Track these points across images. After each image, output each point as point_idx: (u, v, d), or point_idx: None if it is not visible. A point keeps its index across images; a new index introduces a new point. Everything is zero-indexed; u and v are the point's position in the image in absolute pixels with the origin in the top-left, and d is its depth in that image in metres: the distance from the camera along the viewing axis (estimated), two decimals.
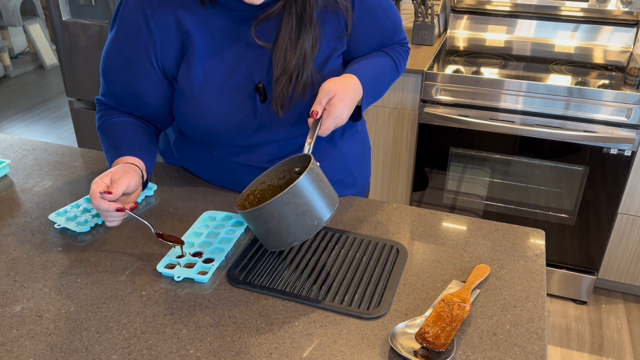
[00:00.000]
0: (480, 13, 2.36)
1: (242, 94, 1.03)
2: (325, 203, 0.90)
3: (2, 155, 1.33)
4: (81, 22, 2.33)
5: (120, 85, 1.07)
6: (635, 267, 2.12)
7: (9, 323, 0.83)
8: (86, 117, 2.58)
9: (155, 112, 1.10)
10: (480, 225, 1.08)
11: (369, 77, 1.09)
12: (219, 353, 0.78)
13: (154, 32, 1.00)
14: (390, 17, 1.14)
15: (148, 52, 1.01)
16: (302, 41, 1.00)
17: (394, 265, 0.96)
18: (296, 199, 0.86)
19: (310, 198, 0.87)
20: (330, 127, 0.99)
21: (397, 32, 1.18)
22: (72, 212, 1.08)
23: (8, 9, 4.49)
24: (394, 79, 1.20)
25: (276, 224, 0.87)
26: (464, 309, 0.83)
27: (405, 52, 1.22)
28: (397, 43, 1.19)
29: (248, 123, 1.05)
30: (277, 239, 0.89)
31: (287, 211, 0.86)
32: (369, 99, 1.10)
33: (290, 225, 0.87)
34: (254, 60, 1.02)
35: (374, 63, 1.12)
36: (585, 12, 2.20)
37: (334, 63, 1.08)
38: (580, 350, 2.01)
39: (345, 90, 1.01)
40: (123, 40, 1.03)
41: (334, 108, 0.99)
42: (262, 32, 1.00)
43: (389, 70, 1.15)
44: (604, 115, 1.87)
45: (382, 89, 1.16)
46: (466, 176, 2.15)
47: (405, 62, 1.22)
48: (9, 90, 4.52)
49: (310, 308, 0.86)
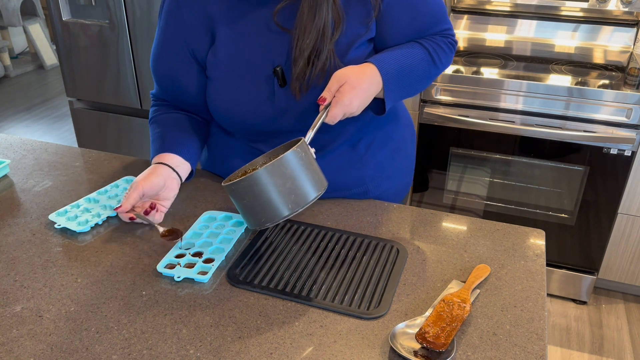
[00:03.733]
0: (480, 13, 2.36)
1: (261, 78, 1.03)
2: (304, 188, 0.88)
3: (2, 155, 1.33)
4: (81, 22, 2.33)
5: (161, 73, 1.12)
6: (635, 267, 2.12)
7: (9, 323, 0.83)
8: (86, 117, 2.58)
9: (193, 100, 1.12)
10: (481, 225, 1.08)
11: (391, 68, 1.02)
12: (219, 353, 0.78)
13: (186, 19, 1.04)
14: (430, 5, 1.07)
15: (182, 39, 1.06)
16: (320, 19, 0.97)
17: (394, 265, 0.96)
18: (272, 178, 0.86)
19: (284, 180, 0.86)
20: (337, 114, 0.96)
21: (438, 21, 1.09)
22: (72, 212, 1.08)
23: (8, 9, 4.49)
24: (430, 72, 1.10)
25: (251, 201, 0.87)
26: (464, 309, 0.83)
27: (448, 44, 1.11)
28: (437, 33, 1.10)
29: (266, 108, 1.04)
30: (253, 217, 0.90)
31: (259, 190, 0.86)
32: (392, 91, 1.03)
33: (264, 204, 0.87)
34: (275, 45, 1.02)
35: (400, 53, 1.05)
36: (585, 12, 2.20)
37: (358, 51, 1.04)
38: (580, 350, 2.01)
39: (358, 78, 0.97)
40: (163, 29, 1.08)
41: (343, 96, 0.95)
42: (284, 16, 1.00)
43: (420, 62, 1.06)
44: (604, 115, 1.87)
45: (412, 82, 1.07)
46: (466, 176, 2.15)
47: (448, 56, 1.12)
48: (9, 90, 4.51)
49: (310, 308, 0.86)
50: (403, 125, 1.24)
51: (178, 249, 0.98)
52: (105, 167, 1.27)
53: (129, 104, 2.45)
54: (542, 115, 1.94)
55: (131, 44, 2.30)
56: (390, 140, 1.20)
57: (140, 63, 2.33)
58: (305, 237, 1.02)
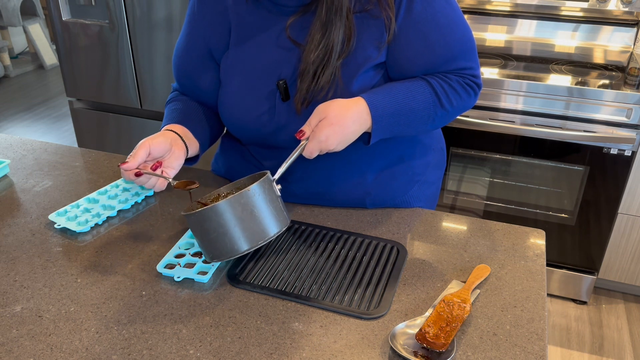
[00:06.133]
0: (480, 13, 2.36)
1: (264, 90, 1.03)
2: (263, 224, 0.89)
3: (2, 155, 1.33)
4: (81, 22, 2.33)
5: (181, 69, 1.13)
6: (635, 267, 2.12)
7: (9, 323, 0.83)
8: (86, 117, 2.58)
9: (208, 99, 1.13)
10: (480, 225, 1.08)
11: (383, 105, 0.97)
12: (219, 353, 0.78)
13: (207, 19, 1.06)
14: (447, 37, 0.98)
15: (202, 38, 1.07)
16: (329, 36, 0.96)
17: (394, 265, 0.96)
18: (232, 211, 0.86)
19: (243, 215, 0.87)
20: (313, 150, 0.94)
21: (455, 57, 1.00)
22: (72, 212, 1.08)
23: (8, 9, 4.49)
24: (436, 114, 1.01)
25: (208, 234, 0.88)
26: (464, 309, 0.83)
27: (464, 85, 1.02)
28: (453, 71, 1.01)
29: (267, 120, 1.04)
30: (208, 250, 0.90)
31: (217, 222, 0.87)
32: (382, 130, 0.98)
33: (221, 237, 0.88)
34: (283, 59, 1.01)
35: (399, 90, 0.98)
36: (585, 12, 2.20)
37: (366, 76, 1.00)
38: (580, 351, 2.01)
39: (339, 115, 0.93)
40: (186, 27, 1.10)
41: (320, 131, 0.93)
42: (296, 31, 1.00)
43: (422, 103, 0.99)
44: (604, 115, 1.87)
45: (410, 123, 1.00)
46: (466, 176, 2.15)
47: (462, 99, 1.02)
48: (9, 90, 4.51)
49: (310, 308, 0.86)
50: (429, 150, 1.17)
51: (178, 249, 0.98)
52: (105, 167, 1.27)
53: (129, 104, 2.45)
54: (542, 115, 1.94)
55: (131, 44, 2.30)
56: (406, 167, 1.14)
57: (140, 63, 2.33)
58: (305, 237, 1.02)
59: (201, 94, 1.13)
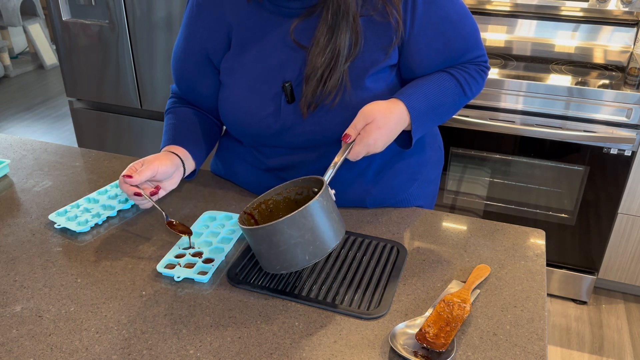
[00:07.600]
0: (480, 13, 2.36)
1: (269, 92, 1.02)
2: (323, 238, 0.85)
3: (2, 155, 1.33)
4: (81, 22, 2.33)
5: (179, 72, 1.13)
6: (635, 267, 2.12)
7: (9, 323, 0.83)
8: (86, 117, 2.58)
9: (207, 102, 1.13)
10: (480, 225, 1.08)
11: (422, 107, 0.99)
12: (219, 353, 0.78)
13: (205, 22, 1.05)
14: (462, 31, 1.03)
15: (199, 41, 1.07)
16: (336, 39, 0.96)
17: (394, 265, 0.96)
18: (291, 230, 0.83)
19: (303, 232, 0.84)
20: (360, 153, 0.94)
21: (471, 48, 1.06)
22: (72, 212, 1.08)
23: (8, 9, 4.49)
24: (460, 103, 1.07)
25: (267, 248, 0.85)
26: (464, 309, 0.83)
27: (479, 72, 1.08)
28: (469, 61, 1.07)
29: (271, 122, 1.03)
30: (268, 263, 0.87)
31: (277, 240, 0.84)
32: (420, 128, 1.01)
33: (281, 254, 0.85)
34: (288, 61, 1.01)
35: (430, 88, 1.01)
36: (585, 12, 2.20)
37: (377, 78, 1.01)
38: (580, 350, 2.01)
39: (385, 117, 0.94)
40: (183, 30, 1.09)
41: (369, 135, 0.93)
42: (300, 33, 0.99)
43: (450, 95, 1.04)
44: (604, 115, 1.87)
45: (441, 117, 1.05)
46: (466, 176, 2.15)
47: (479, 84, 1.08)
48: (9, 90, 4.51)
49: (310, 308, 0.86)
50: (427, 149, 1.19)
51: (178, 249, 0.98)
52: (105, 167, 1.27)
53: (129, 104, 2.45)
54: (542, 115, 1.94)
55: (131, 44, 2.30)
56: (407, 166, 1.15)
57: (140, 63, 2.33)
58: None
59: (201, 98, 1.13)
